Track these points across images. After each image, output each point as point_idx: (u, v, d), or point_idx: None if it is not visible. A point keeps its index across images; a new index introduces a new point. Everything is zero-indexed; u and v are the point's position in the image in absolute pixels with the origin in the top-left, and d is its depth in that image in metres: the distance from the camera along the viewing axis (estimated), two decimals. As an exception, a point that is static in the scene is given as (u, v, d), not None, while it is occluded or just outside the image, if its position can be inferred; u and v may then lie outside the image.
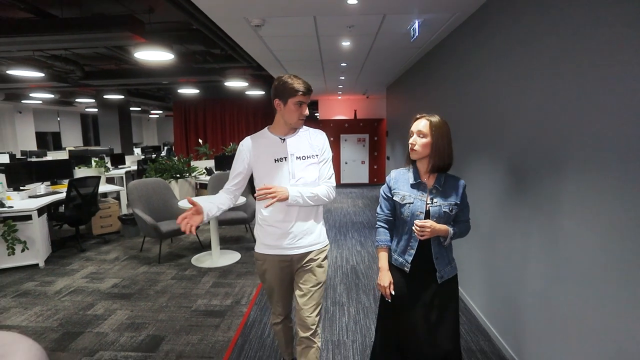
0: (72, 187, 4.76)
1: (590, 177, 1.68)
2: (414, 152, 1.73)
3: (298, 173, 1.83)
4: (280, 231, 1.85)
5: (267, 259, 1.91)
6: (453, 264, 1.82)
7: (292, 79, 1.78)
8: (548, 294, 2.02)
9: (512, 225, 2.42)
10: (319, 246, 1.94)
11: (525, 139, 2.25)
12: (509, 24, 2.44)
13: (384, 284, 1.79)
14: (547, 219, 2.03)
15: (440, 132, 1.69)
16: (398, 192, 1.79)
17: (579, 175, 1.76)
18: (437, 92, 4.20)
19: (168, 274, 4.07)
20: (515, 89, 2.37)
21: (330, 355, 2.55)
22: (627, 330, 1.48)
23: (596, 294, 1.65)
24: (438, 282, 1.75)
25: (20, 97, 10.91)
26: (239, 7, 2.98)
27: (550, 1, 1.98)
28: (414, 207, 1.73)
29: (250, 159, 1.86)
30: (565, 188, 1.87)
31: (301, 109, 1.81)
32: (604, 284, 1.60)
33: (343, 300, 3.38)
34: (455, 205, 1.73)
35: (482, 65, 2.90)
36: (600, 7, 1.61)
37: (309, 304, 1.91)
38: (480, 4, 2.86)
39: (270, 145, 1.86)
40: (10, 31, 4.19)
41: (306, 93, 1.78)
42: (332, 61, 5.18)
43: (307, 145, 1.88)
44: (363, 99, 10.49)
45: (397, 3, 2.90)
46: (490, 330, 2.77)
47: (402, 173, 1.83)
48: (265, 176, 1.84)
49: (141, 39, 4.27)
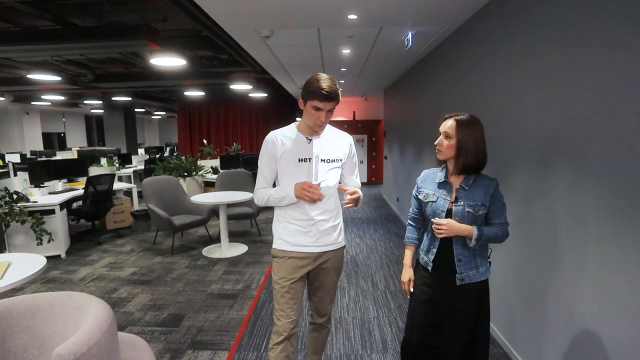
0: (89, 184, 5.10)
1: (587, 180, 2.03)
2: (440, 152, 1.70)
3: (321, 176, 1.80)
4: (302, 229, 1.82)
5: (285, 256, 1.86)
6: (481, 270, 1.70)
7: (319, 81, 1.67)
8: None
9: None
10: (338, 245, 1.92)
11: (509, 136, 2.60)
12: (492, 35, 2.80)
13: (404, 280, 1.84)
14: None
15: (467, 132, 1.62)
16: (423, 190, 1.78)
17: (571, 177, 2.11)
18: (430, 94, 4.55)
19: (182, 264, 4.41)
20: (498, 91, 2.73)
21: (334, 329, 2.89)
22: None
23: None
24: (457, 284, 1.68)
25: (30, 98, 11.23)
26: (251, 20, 3.33)
27: (522, 16, 2.34)
28: (435, 205, 1.70)
29: (276, 154, 1.81)
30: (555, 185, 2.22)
31: (318, 114, 1.71)
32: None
33: (344, 285, 3.73)
34: (482, 205, 1.64)
35: (469, 70, 3.25)
36: (581, 15, 1.97)
37: (325, 298, 1.98)
38: (467, 18, 3.21)
39: (296, 144, 1.81)
40: (36, 39, 4.53)
41: (325, 99, 1.66)
42: (333, 66, 5.54)
43: (332, 147, 1.84)
44: (362, 101, 10.84)
45: (392, 17, 3.25)
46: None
47: (432, 172, 1.80)
48: (287, 174, 1.81)
49: (157, 47, 4.62)
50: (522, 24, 2.32)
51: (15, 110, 12.31)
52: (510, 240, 2.48)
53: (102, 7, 4.30)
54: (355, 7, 3.00)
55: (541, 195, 2.14)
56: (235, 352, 2.62)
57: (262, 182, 1.89)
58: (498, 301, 2.74)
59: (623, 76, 1.52)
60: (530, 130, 2.24)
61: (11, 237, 4.40)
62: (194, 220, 4.93)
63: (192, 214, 5.12)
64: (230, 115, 12.58)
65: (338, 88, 1.72)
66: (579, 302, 1.81)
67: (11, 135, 12.39)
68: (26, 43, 4.54)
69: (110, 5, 4.14)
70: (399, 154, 6.98)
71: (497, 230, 1.66)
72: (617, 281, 1.56)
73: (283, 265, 1.86)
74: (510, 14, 2.47)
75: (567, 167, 1.89)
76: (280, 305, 1.87)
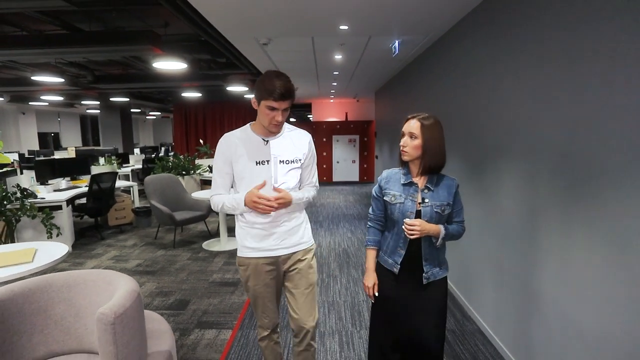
0: (94, 182, 5.34)
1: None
2: (405, 153, 1.68)
3: (281, 178, 1.73)
4: (264, 232, 1.76)
5: (251, 263, 1.80)
6: (444, 266, 1.77)
7: (272, 79, 1.60)
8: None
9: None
10: (305, 246, 1.86)
11: (485, 135, 2.94)
12: (470, 44, 3.13)
13: (368, 285, 1.79)
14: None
15: (431, 132, 1.64)
16: (389, 191, 1.74)
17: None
18: (417, 97, 4.89)
19: (184, 256, 4.68)
20: (477, 96, 3.06)
21: (327, 311, 3.20)
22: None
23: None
24: (424, 283, 1.71)
25: (27, 99, 11.36)
26: (251, 29, 3.62)
27: (499, 28, 2.67)
28: (404, 207, 1.68)
29: (231, 157, 1.73)
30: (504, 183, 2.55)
31: (273, 114, 1.64)
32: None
33: (336, 273, 4.04)
34: (447, 205, 1.69)
35: (450, 75, 3.59)
36: (556, 24, 2.30)
37: (304, 309, 1.83)
38: (448, 28, 3.54)
39: (251, 146, 1.73)
40: (43, 43, 4.77)
41: (280, 98, 1.59)
42: (326, 70, 5.85)
43: (291, 148, 1.78)
44: (354, 102, 11.17)
45: (380, 28, 3.57)
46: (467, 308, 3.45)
47: (394, 173, 1.78)
48: (244, 179, 1.73)
49: (159, 51, 4.88)
50: (494, 36, 2.65)
51: (12, 110, 12.43)
52: (483, 227, 2.82)
53: (109, 14, 4.55)
54: (346, 19, 3.31)
55: (510, 187, 2.47)
56: (238, 330, 2.91)
57: (217, 187, 1.79)
58: (475, 278, 3.07)
59: (571, 81, 1.85)
60: (500, 130, 2.57)
61: (20, 232, 4.63)
62: (194, 216, 5.20)
63: (192, 210, 5.38)
64: (226, 115, 12.83)
65: (293, 85, 1.64)
66: (536, 275, 2.14)
67: (8, 135, 12.50)
68: (35, 47, 4.77)
69: (117, 12, 4.38)
70: (388, 154, 7.32)
71: (458, 227, 1.74)
72: (567, 257, 1.89)
73: (250, 273, 1.80)
74: (485, 26, 2.80)
75: (524, 164, 2.22)
76: (257, 312, 1.89)
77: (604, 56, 1.58)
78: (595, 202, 1.65)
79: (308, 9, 3.00)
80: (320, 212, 7.30)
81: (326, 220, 6.60)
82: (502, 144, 2.53)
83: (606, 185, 1.58)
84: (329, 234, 5.71)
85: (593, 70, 1.65)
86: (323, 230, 5.88)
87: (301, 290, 1.83)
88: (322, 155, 11.22)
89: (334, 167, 11.32)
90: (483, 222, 2.82)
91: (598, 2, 1.62)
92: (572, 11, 1.79)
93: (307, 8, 2.97)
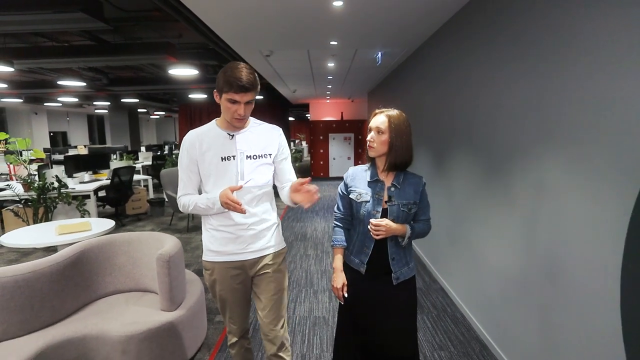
0: (115, 175, 6.04)
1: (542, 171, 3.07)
2: (372, 149, 1.64)
3: (248, 174, 1.63)
4: (229, 235, 1.67)
5: (215, 268, 1.71)
6: (411, 265, 1.71)
7: (234, 70, 1.51)
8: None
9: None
10: (273, 249, 1.75)
11: (444, 128, 3.66)
12: (441, 54, 3.85)
13: (337, 286, 1.71)
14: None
15: (399, 128, 1.60)
16: (354, 189, 1.69)
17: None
18: (401, 98, 5.61)
19: (197, 238, 5.39)
20: (450, 99, 3.79)
21: (320, 277, 3.91)
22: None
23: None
24: (393, 284, 1.66)
25: (41, 99, 12.05)
26: (255, 42, 4.32)
27: (458, 43, 3.39)
28: (370, 205, 1.63)
29: (195, 155, 1.64)
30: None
31: (235, 107, 1.55)
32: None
33: (328, 250, 4.76)
34: (414, 204, 1.64)
35: (424, 80, 4.31)
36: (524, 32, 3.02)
37: (270, 316, 1.73)
38: (422, 42, 4.24)
39: (216, 142, 1.64)
40: (74, 53, 5.47)
41: (242, 90, 1.50)
42: (321, 75, 6.55)
43: (259, 142, 1.68)
44: (349, 103, 11.88)
45: (364, 42, 4.28)
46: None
47: (360, 170, 1.73)
48: (211, 176, 1.64)
49: (174, 59, 5.58)
50: (455, 50, 3.37)
51: (25, 110, 13.13)
52: (442, 206, 3.53)
53: (132, 28, 5.25)
54: (336, 36, 4.01)
55: (458, 172, 3.19)
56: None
57: (184, 187, 1.70)
58: (437, 248, 3.80)
59: (510, 83, 2.57)
60: (456, 124, 3.29)
61: (55, 216, 5.33)
62: (204, 204, 5.90)
63: (203, 200, 6.09)
64: (228, 115, 13.52)
65: (255, 77, 1.56)
66: (471, 235, 2.86)
67: (22, 134, 13.19)
68: (66, 57, 5.47)
69: (139, 27, 5.09)
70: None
71: (423, 226, 1.69)
72: (492, 225, 2.62)
73: (216, 278, 1.72)
74: (449, 41, 3.52)
75: (465, 153, 2.94)
76: (225, 318, 1.81)
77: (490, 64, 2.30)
78: (501, 182, 2.37)
79: (303, 28, 3.70)
80: (317, 203, 8.01)
81: (322, 210, 7.31)
82: (457, 137, 3.25)
83: (507, 170, 2.30)
84: (324, 220, 6.43)
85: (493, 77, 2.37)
86: (319, 218, 6.60)
87: (269, 295, 1.74)
88: (319, 152, 11.96)
89: (330, 164, 12.05)
90: (441, 203, 3.54)
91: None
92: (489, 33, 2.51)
93: (303, 27, 3.67)
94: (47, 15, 3.63)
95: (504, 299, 2.38)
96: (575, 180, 1.69)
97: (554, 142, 1.84)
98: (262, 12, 3.16)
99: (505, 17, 2.32)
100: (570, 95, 1.72)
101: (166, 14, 4.26)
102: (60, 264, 2.22)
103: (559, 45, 1.80)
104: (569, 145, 1.74)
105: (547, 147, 1.90)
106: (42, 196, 4.83)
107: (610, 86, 1.48)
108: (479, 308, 2.79)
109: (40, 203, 4.83)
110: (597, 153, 1.56)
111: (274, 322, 1.74)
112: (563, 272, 1.78)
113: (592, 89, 1.58)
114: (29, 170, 5.09)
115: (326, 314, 3.11)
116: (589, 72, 1.60)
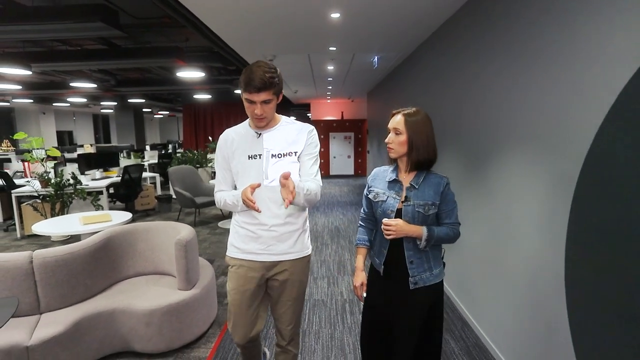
0: (126, 172, 6.36)
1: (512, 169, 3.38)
2: (391, 150, 1.62)
3: (272, 173, 1.55)
4: (251, 234, 1.67)
5: (236, 264, 1.72)
6: (435, 272, 1.62)
7: (250, 70, 1.51)
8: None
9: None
10: (295, 255, 1.71)
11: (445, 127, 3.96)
12: (433, 59, 4.15)
13: (356, 285, 1.73)
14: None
15: (416, 126, 1.57)
16: (373, 189, 1.69)
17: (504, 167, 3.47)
18: (398, 98, 5.91)
19: (204, 232, 5.71)
20: (443, 99, 4.09)
21: (319, 266, 4.22)
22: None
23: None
24: (410, 289, 1.60)
25: (50, 100, 12.39)
26: (259, 47, 4.63)
27: (449, 47, 3.69)
28: (385, 205, 1.62)
29: (227, 153, 1.70)
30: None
31: (252, 107, 1.56)
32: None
33: (328, 242, 5.07)
34: (432, 205, 1.57)
35: (422, 81, 4.60)
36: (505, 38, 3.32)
37: (285, 316, 1.77)
38: (415, 47, 4.54)
39: (245, 140, 1.68)
40: (87, 57, 5.78)
41: (256, 90, 1.50)
42: (321, 77, 6.86)
43: (286, 141, 1.63)
44: (349, 102, 12.18)
45: (361, 47, 4.58)
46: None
47: (382, 171, 1.72)
48: (239, 174, 1.68)
49: (182, 63, 5.89)
50: (446, 53, 3.67)
51: (34, 110, 13.48)
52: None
53: (142, 34, 5.56)
54: (334, 43, 4.31)
55: (452, 171, 3.50)
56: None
57: (219, 184, 1.77)
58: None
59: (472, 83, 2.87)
60: (445, 123, 3.59)
61: (70, 212, 5.66)
62: (210, 200, 6.20)
63: (209, 195, 6.40)
64: (232, 114, 13.86)
65: (273, 76, 1.52)
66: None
67: (30, 133, 13.54)
68: (80, 60, 5.78)
69: (151, 33, 5.40)
70: (377, 150, 8.33)
71: (447, 230, 1.60)
72: (471, 203, 2.92)
73: (234, 274, 1.72)
74: (442, 45, 3.82)
75: (453, 145, 3.24)
76: (231, 321, 1.76)
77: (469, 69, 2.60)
78: (483, 176, 2.67)
79: (304, 35, 4.00)
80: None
81: (322, 206, 7.63)
82: (446, 135, 3.55)
83: (488, 167, 2.60)
84: (324, 216, 6.74)
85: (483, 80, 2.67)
86: (319, 214, 6.91)
87: (284, 301, 1.76)
88: (320, 151, 12.19)
89: (331, 162, 12.36)
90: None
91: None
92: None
93: (303, 34, 3.97)
94: (67, 25, 3.94)
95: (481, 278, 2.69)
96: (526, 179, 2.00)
97: (515, 141, 2.15)
98: (265, 21, 3.47)
99: (488, 26, 2.62)
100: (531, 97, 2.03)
101: (175, 20, 4.57)
102: (92, 247, 2.54)
103: (521, 55, 2.11)
104: (524, 145, 2.04)
105: (511, 145, 2.20)
106: (59, 192, 5.15)
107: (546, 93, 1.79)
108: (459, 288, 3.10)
109: (58, 198, 5.16)
110: (540, 152, 1.86)
111: (286, 322, 1.80)
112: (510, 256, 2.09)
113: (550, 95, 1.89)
114: (45, 168, 5.41)
115: (324, 297, 3.42)
116: (542, 80, 1.90)
